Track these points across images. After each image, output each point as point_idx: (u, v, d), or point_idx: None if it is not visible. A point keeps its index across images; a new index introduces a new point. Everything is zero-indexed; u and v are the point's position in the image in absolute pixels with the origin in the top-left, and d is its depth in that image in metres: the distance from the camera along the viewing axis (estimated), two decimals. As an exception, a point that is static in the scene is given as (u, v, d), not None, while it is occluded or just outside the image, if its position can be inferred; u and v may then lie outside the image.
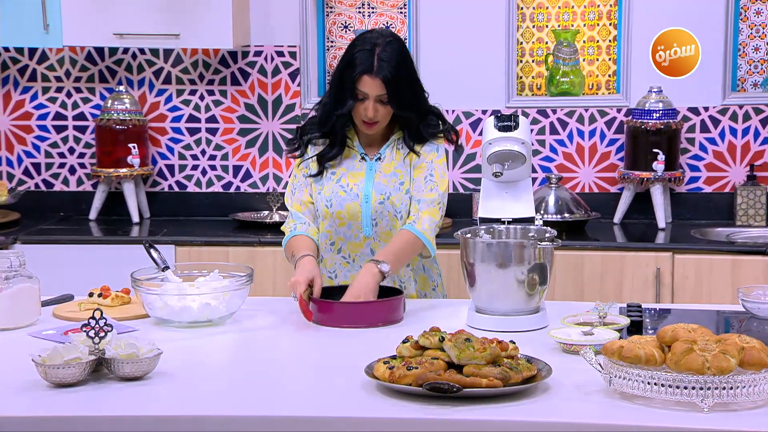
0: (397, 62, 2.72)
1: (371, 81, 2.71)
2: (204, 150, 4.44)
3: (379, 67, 2.70)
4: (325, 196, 2.82)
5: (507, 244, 2.49)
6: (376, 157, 2.84)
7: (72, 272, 3.70)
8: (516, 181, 2.67)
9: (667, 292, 3.76)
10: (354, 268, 2.83)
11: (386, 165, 2.84)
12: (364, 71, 2.71)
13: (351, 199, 2.81)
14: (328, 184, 2.83)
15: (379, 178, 2.82)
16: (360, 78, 2.71)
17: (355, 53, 2.74)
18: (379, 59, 2.71)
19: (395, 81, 2.71)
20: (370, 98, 2.72)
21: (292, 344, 2.40)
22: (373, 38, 2.75)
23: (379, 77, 2.70)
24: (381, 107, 2.74)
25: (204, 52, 4.38)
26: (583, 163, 4.33)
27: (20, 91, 4.45)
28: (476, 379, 1.92)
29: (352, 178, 2.83)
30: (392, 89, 2.71)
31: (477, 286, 2.48)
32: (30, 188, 4.46)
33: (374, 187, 2.81)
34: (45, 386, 2.03)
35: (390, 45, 2.74)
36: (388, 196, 2.80)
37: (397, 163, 2.83)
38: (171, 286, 2.57)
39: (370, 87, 2.71)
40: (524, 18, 4.36)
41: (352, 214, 2.80)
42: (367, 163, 2.84)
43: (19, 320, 2.49)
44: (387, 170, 2.83)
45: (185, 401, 1.99)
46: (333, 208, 2.81)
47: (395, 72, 2.71)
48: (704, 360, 1.84)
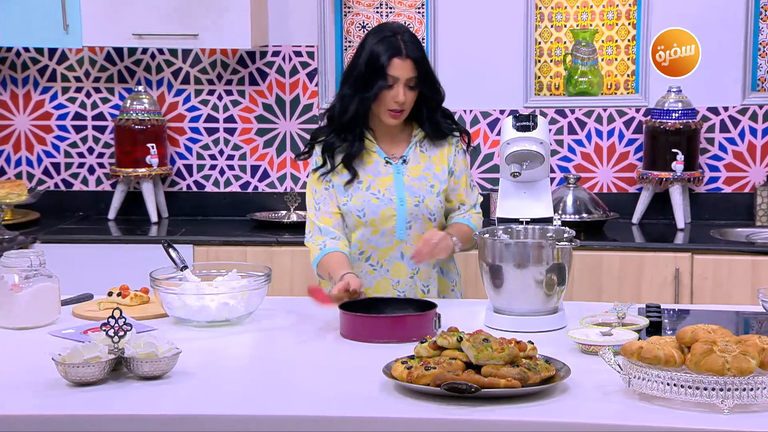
0: (420, 47, 2.78)
1: (402, 63, 2.72)
2: (222, 150, 4.45)
3: (408, 49, 2.73)
4: (355, 206, 2.79)
5: (525, 245, 2.48)
6: (401, 159, 2.83)
7: (91, 272, 3.71)
8: (534, 181, 2.67)
9: (686, 293, 3.74)
10: (380, 274, 2.82)
11: (413, 168, 2.83)
12: (394, 54, 2.72)
13: (385, 205, 2.79)
14: (357, 193, 2.80)
15: (408, 182, 2.81)
16: (390, 62, 2.72)
17: (377, 42, 2.75)
18: (404, 42, 2.74)
19: (422, 63, 2.75)
20: (400, 82, 2.73)
21: (310, 344, 2.40)
22: (391, 27, 2.80)
23: (409, 58, 2.73)
24: (409, 93, 2.75)
25: (222, 52, 4.39)
26: (601, 163, 4.31)
27: (40, 92, 4.47)
28: (494, 379, 1.91)
29: (381, 183, 2.81)
30: (421, 70, 2.74)
31: (495, 286, 2.48)
32: (49, 188, 4.48)
33: (407, 190, 2.80)
34: (65, 385, 2.04)
35: (408, 32, 2.79)
36: (422, 199, 2.80)
37: (424, 166, 2.84)
38: (189, 285, 2.58)
39: (401, 69, 2.72)
40: (542, 18, 4.35)
41: (386, 219, 2.79)
42: (393, 166, 2.83)
43: (39, 319, 2.51)
44: (414, 173, 2.83)
45: (204, 400, 1.99)
46: (367, 217, 2.78)
47: (421, 54, 2.76)
48: (724, 361, 1.83)
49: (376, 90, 2.72)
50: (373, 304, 2.52)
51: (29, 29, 4.08)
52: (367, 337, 2.35)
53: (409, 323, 2.35)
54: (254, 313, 2.58)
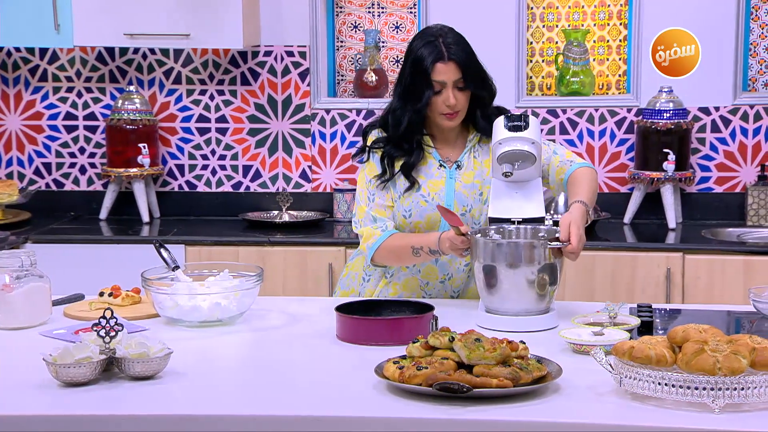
0: (464, 46, 2.73)
1: (445, 67, 2.69)
2: (214, 150, 4.45)
3: (450, 51, 2.70)
4: (403, 206, 2.76)
5: (517, 245, 2.49)
6: (455, 164, 2.79)
7: (83, 272, 3.70)
8: (526, 181, 2.67)
9: (677, 293, 3.75)
10: (412, 272, 2.79)
11: (465, 174, 2.78)
12: (436, 60, 2.69)
13: (433, 209, 2.74)
14: (408, 195, 2.76)
15: (459, 188, 2.77)
16: (434, 67, 2.68)
17: (419, 49, 2.72)
18: (446, 45, 2.71)
19: (467, 62, 2.71)
20: (448, 86, 2.70)
21: (303, 344, 2.40)
22: (434, 31, 2.76)
23: (452, 60, 2.69)
24: (460, 94, 2.72)
25: (214, 52, 4.39)
26: (593, 163, 4.32)
27: (31, 91, 4.46)
28: (486, 379, 1.92)
29: (432, 186, 2.77)
30: (467, 71, 2.71)
31: (488, 286, 2.48)
32: (41, 188, 4.48)
33: (456, 198, 2.76)
34: (56, 385, 2.04)
35: (451, 32, 2.75)
36: (469, 208, 2.77)
37: (476, 173, 2.79)
38: (181, 285, 2.57)
39: (446, 73, 2.69)
40: (534, 18, 4.36)
41: (431, 223, 2.75)
42: (446, 170, 2.78)
43: (30, 319, 2.50)
44: (467, 180, 2.78)
45: (196, 400, 1.99)
46: (412, 218, 2.76)
47: (465, 54, 2.72)
48: (715, 360, 1.83)
49: (426, 99, 2.70)
50: (370, 306, 2.51)
51: (20, 29, 4.07)
52: (363, 340, 2.33)
53: (405, 326, 2.34)
54: (246, 313, 2.57)
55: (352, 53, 4.46)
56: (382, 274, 2.84)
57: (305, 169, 4.41)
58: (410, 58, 2.73)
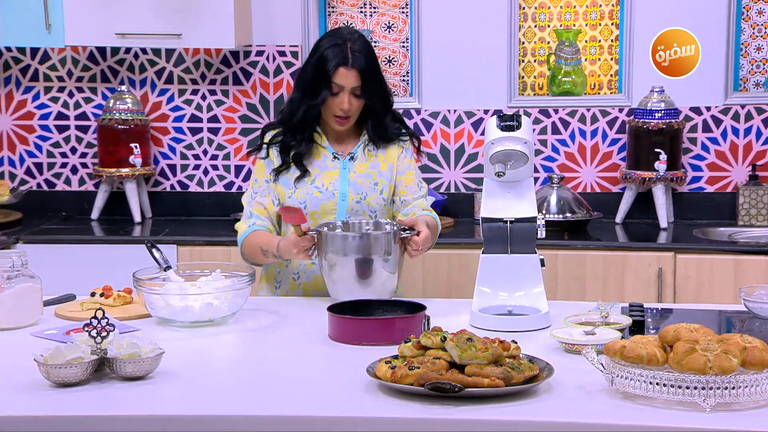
0: (369, 55, 2.83)
1: (347, 72, 2.78)
2: (206, 150, 4.44)
3: (354, 58, 2.79)
4: (298, 199, 2.84)
5: (367, 235, 2.67)
6: (350, 156, 2.89)
7: (74, 272, 3.69)
8: (518, 181, 2.67)
9: (669, 292, 3.75)
10: (316, 271, 2.82)
11: (359, 165, 2.89)
12: (339, 63, 2.78)
13: (327, 198, 2.84)
14: (302, 186, 2.85)
15: (353, 178, 2.87)
16: (336, 70, 2.78)
17: (326, 48, 2.81)
18: (353, 51, 2.79)
19: (369, 72, 2.80)
20: (345, 90, 2.79)
21: (294, 344, 2.40)
22: (343, 34, 2.84)
23: (354, 68, 2.78)
24: (354, 101, 2.81)
25: (206, 51, 4.38)
26: (585, 163, 4.33)
27: (22, 91, 4.45)
28: (478, 378, 1.92)
29: (326, 177, 2.86)
30: (366, 80, 2.80)
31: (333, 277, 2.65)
32: (32, 188, 4.46)
33: (350, 186, 2.84)
34: (47, 386, 2.03)
35: (360, 39, 2.84)
36: (364, 196, 2.86)
37: (370, 164, 2.89)
38: (173, 285, 2.57)
39: (346, 78, 2.78)
40: (526, 18, 4.36)
41: (326, 212, 2.84)
42: (340, 162, 2.88)
43: (21, 320, 2.49)
44: (361, 170, 2.88)
45: (187, 401, 1.99)
46: (308, 209, 2.82)
47: (368, 63, 2.81)
48: (706, 360, 1.84)
49: (322, 98, 2.79)
50: (362, 306, 2.51)
51: (11, 28, 4.06)
52: (355, 340, 2.33)
53: (397, 325, 2.34)
54: (238, 314, 2.57)
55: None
56: (290, 277, 2.89)
57: (297, 168, 4.40)
58: (316, 55, 2.83)
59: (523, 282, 2.58)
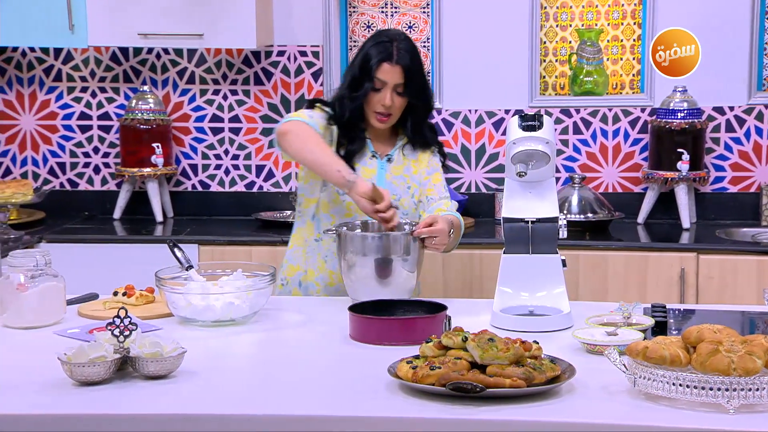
0: (414, 55, 2.86)
1: (391, 68, 2.81)
2: (227, 149, 4.45)
3: (399, 56, 2.82)
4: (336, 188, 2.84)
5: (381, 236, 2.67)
6: (387, 157, 2.92)
7: (96, 271, 3.72)
8: (540, 181, 2.66)
9: (691, 293, 3.73)
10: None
11: (396, 167, 2.92)
12: (383, 59, 2.81)
13: None
14: None
15: (389, 179, 2.90)
16: (380, 65, 2.81)
17: (373, 45, 2.85)
18: (398, 49, 2.83)
19: (412, 71, 2.82)
20: (388, 86, 2.81)
21: (315, 343, 2.40)
22: (390, 34, 2.88)
23: (399, 65, 2.81)
24: (397, 98, 2.83)
25: (227, 52, 4.39)
26: (606, 163, 4.31)
27: (46, 91, 4.48)
28: (499, 379, 1.91)
29: (365, 173, 2.88)
30: (409, 79, 2.82)
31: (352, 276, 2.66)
32: (55, 187, 4.49)
33: (386, 186, 2.84)
34: (70, 384, 2.05)
35: (407, 40, 2.88)
36: (398, 197, 2.87)
37: (404, 168, 2.92)
38: (194, 285, 2.58)
39: (390, 74, 2.81)
40: (548, 17, 4.35)
41: None
42: (378, 161, 2.91)
43: (44, 319, 2.51)
44: (396, 172, 2.91)
45: (209, 400, 2.00)
46: (344, 196, 2.83)
47: (413, 62, 2.83)
48: (730, 361, 1.83)
49: (365, 91, 2.81)
50: (383, 306, 2.51)
51: (35, 29, 4.08)
52: (376, 340, 2.33)
53: (419, 325, 2.34)
54: (259, 313, 2.58)
55: (364, 53, 4.45)
56: (319, 258, 2.92)
57: (318, 168, 4.41)
58: (362, 52, 2.86)
59: (545, 282, 2.57)
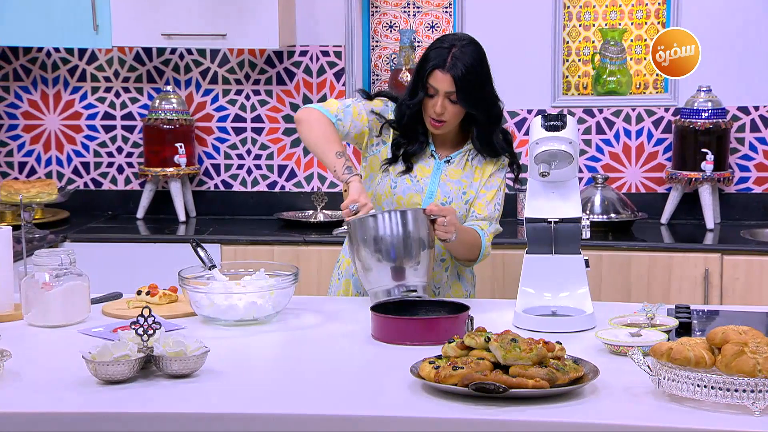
0: (471, 64, 2.73)
1: (442, 76, 2.73)
2: (249, 149, 4.47)
3: (452, 64, 2.72)
4: (392, 176, 2.83)
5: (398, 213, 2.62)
6: (446, 158, 2.86)
7: (120, 270, 3.74)
8: (563, 181, 2.66)
9: (715, 294, 3.71)
10: None
11: (454, 170, 2.85)
12: (436, 66, 2.73)
13: (415, 190, 2.82)
14: (401, 167, 2.84)
15: (445, 180, 2.84)
16: (432, 72, 2.74)
17: (431, 50, 2.78)
18: (453, 57, 2.73)
19: (465, 81, 2.72)
20: (439, 94, 2.74)
21: (338, 343, 2.40)
22: (453, 39, 2.80)
23: (449, 74, 2.72)
24: (450, 106, 2.75)
25: (250, 52, 4.40)
26: (629, 163, 4.29)
27: (70, 92, 4.51)
28: (522, 379, 1.91)
29: (421, 171, 2.84)
30: (462, 88, 2.72)
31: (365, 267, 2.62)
32: (79, 187, 4.52)
33: (440, 187, 2.82)
34: (95, 383, 2.06)
35: (467, 47, 2.76)
36: (450, 200, 2.82)
37: (464, 173, 2.85)
38: (218, 284, 2.59)
39: (440, 82, 2.73)
40: (571, 17, 4.33)
41: (411, 204, 2.80)
42: (435, 161, 2.85)
43: (69, 317, 2.53)
44: (453, 176, 2.84)
45: (233, 399, 2.00)
46: (396, 190, 2.82)
47: (467, 72, 2.72)
48: (756, 362, 1.81)
49: (418, 99, 2.77)
50: (405, 306, 2.51)
51: (59, 30, 4.11)
52: (398, 340, 2.33)
53: (441, 325, 2.34)
54: (281, 313, 2.58)
55: (387, 53, 4.46)
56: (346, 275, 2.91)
57: (340, 168, 4.41)
58: (423, 56, 2.81)
59: (568, 283, 2.56)
